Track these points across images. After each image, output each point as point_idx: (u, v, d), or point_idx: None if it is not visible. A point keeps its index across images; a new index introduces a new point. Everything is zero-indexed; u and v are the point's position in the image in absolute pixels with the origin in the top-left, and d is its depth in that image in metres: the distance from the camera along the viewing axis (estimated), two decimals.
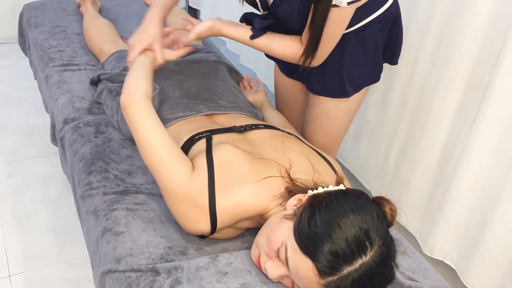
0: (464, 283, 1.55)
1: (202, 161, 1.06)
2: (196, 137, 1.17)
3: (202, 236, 1.07)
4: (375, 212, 0.89)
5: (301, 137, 1.29)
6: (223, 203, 0.99)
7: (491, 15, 1.35)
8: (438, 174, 1.63)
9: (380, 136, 1.86)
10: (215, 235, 1.07)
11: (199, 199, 1.00)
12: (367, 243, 0.85)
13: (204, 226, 1.00)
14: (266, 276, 0.97)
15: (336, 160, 2.10)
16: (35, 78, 1.96)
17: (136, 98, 1.08)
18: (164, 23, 1.48)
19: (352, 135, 2.01)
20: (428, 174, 1.66)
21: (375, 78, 1.39)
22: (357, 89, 1.38)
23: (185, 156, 1.08)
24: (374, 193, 1.93)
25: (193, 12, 3.48)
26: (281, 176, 1.05)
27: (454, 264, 1.61)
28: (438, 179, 1.63)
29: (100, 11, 2.18)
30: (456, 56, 1.47)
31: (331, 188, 0.97)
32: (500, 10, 1.33)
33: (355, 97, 1.39)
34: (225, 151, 1.08)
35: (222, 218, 1.00)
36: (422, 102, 1.63)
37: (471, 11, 1.39)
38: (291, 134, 1.26)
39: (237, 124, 1.25)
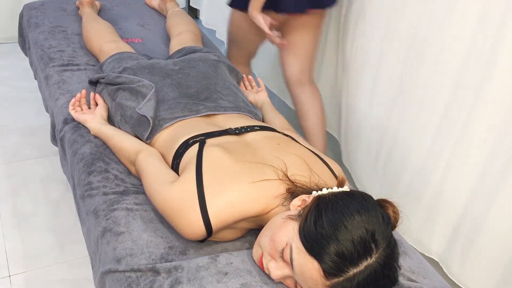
0: (459, 284, 1.56)
1: (190, 166, 1.07)
2: (191, 141, 1.17)
3: (202, 240, 1.06)
4: (380, 214, 0.89)
5: (298, 139, 1.29)
6: (215, 204, 0.99)
7: (480, 15, 1.35)
8: (428, 175, 1.62)
9: (369, 136, 1.85)
10: (215, 237, 1.07)
11: (188, 202, 1.00)
12: (373, 245, 0.85)
13: (198, 229, 0.99)
14: (266, 276, 0.97)
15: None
16: (35, 78, 1.96)
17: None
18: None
19: (343, 135, 2.01)
20: (418, 174, 1.66)
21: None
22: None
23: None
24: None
25: (194, 12, 3.48)
26: (280, 179, 1.05)
27: (446, 266, 1.61)
28: (428, 180, 1.62)
29: (100, 11, 2.18)
30: (445, 57, 1.46)
31: (336, 189, 0.97)
32: (490, 10, 1.32)
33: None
34: (215, 154, 1.08)
35: (216, 219, 0.99)
36: (412, 101, 1.62)
37: (460, 11, 1.39)
38: (288, 136, 1.26)
39: (234, 126, 1.25)
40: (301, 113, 1.91)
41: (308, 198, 0.97)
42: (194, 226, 0.99)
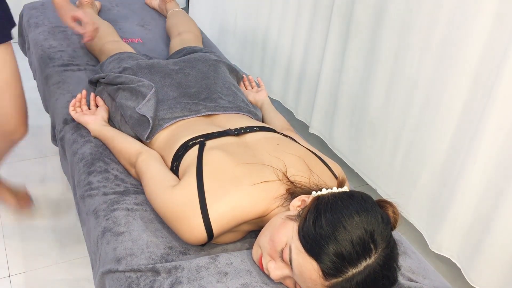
0: (469, 281, 1.56)
1: (191, 169, 1.07)
2: (190, 143, 1.17)
3: (202, 244, 1.06)
4: (379, 215, 0.89)
5: (297, 139, 1.29)
6: (216, 209, 0.99)
7: (496, 14, 1.35)
8: (444, 172, 1.63)
9: (385, 135, 1.86)
10: (216, 241, 1.07)
11: (189, 207, 1.00)
12: (372, 246, 0.85)
13: (200, 234, 0.99)
14: (266, 276, 0.97)
15: (341, 159, 2.11)
16: (35, 78, 1.96)
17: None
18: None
19: (357, 133, 2.01)
20: (434, 172, 1.66)
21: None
22: None
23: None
24: (381, 191, 1.93)
25: None
26: (279, 180, 1.05)
27: (459, 262, 1.62)
28: (444, 178, 1.63)
29: (100, 11, 2.18)
30: (462, 55, 1.47)
31: (335, 189, 0.97)
32: (506, 9, 1.33)
33: None
34: (215, 157, 1.08)
35: (217, 224, 0.99)
36: (428, 101, 1.63)
37: (476, 10, 1.39)
38: (287, 136, 1.26)
39: (234, 126, 1.25)
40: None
41: (308, 199, 0.97)
42: (195, 231, 0.99)
